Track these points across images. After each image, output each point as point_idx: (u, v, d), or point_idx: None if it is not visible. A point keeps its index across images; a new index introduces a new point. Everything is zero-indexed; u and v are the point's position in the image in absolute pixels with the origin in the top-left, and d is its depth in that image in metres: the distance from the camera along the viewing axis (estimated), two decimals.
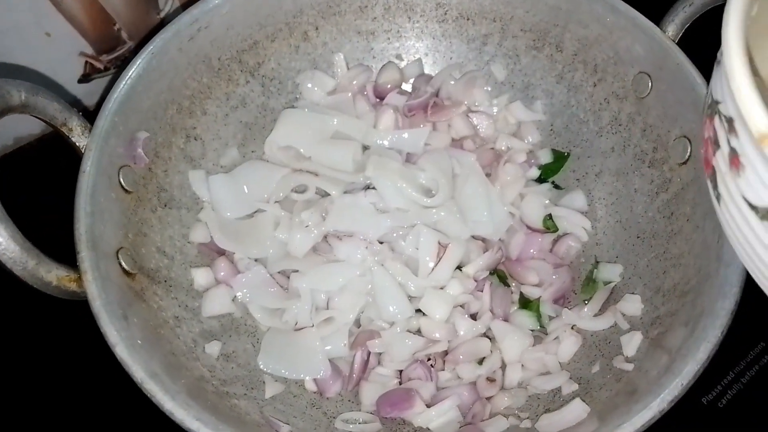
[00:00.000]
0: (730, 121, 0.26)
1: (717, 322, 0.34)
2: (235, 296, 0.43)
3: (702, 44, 0.43)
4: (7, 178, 0.52)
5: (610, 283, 0.44)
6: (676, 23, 0.43)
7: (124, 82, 0.41)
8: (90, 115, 0.41)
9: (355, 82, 0.50)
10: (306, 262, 0.44)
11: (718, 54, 0.27)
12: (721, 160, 0.28)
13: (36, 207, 0.49)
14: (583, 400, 0.38)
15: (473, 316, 0.43)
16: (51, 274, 0.35)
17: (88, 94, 0.56)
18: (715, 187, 0.29)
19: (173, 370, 0.36)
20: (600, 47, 0.46)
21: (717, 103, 0.28)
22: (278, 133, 0.48)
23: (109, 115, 0.40)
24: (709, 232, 0.38)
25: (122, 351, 0.33)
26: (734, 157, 0.27)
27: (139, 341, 0.35)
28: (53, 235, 0.37)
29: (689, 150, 0.41)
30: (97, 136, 0.39)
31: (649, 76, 0.43)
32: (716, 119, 0.28)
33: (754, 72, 0.27)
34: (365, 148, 0.48)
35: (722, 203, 0.29)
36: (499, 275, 0.46)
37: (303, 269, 0.43)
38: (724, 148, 0.27)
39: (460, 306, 0.43)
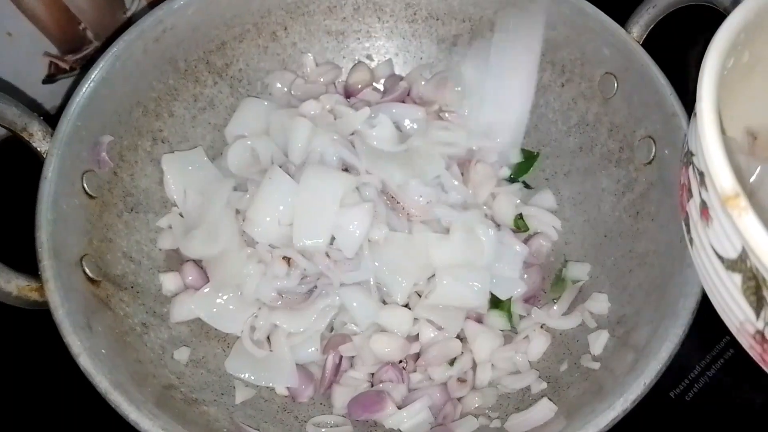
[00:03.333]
0: (701, 175, 0.27)
1: (679, 322, 0.35)
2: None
3: (665, 45, 0.43)
4: None
5: (578, 281, 0.45)
6: (640, 25, 0.43)
7: (86, 86, 0.40)
8: (55, 117, 0.40)
9: (322, 80, 0.50)
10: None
11: (696, 107, 0.28)
12: (693, 209, 0.29)
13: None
14: (551, 400, 0.39)
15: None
16: (11, 284, 0.34)
17: (53, 94, 0.55)
18: (689, 231, 0.30)
19: (140, 379, 0.36)
20: (568, 48, 0.46)
21: (692, 154, 0.28)
22: (236, 121, 0.47)
23: (71, 119, 0.39)
24: (673, 233, 0.39)
25: (85, 361, 0.33)
26: (704, 209, 0.27)
27: (103, 350, 0.34)
28: (17, 243, 0.36)
29: (654, 150, 0.42)
30: (59, 141, 0.39)
31: (615, 77, 0.44)
32: (690, 169, 0.29)
33: (732, 117, 0.27)
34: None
35: (694, 247, 0.30)
36: None
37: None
38: (696, 198, 0.28)
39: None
